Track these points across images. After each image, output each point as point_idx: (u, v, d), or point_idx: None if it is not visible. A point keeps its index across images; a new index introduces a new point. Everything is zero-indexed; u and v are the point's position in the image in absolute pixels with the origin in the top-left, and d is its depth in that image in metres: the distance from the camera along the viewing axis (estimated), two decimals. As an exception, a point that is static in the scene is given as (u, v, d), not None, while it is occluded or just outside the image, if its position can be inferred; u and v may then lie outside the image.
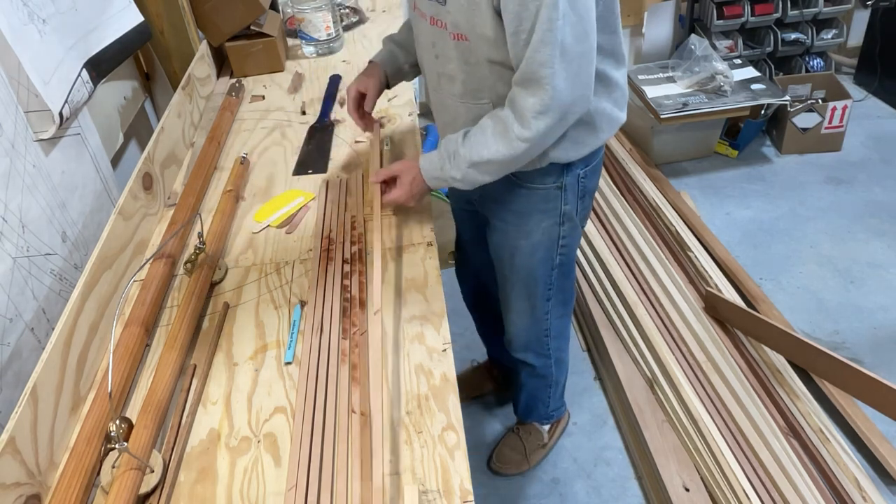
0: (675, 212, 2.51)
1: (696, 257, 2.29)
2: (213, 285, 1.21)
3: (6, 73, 1.15)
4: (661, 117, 2.69)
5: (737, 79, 2.80)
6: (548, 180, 1.23)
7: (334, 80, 1.87)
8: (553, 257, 1.35)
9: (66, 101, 1.29)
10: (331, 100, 1.78)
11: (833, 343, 2.09)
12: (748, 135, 2.97)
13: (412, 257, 1.20)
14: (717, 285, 2.16)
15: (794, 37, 3.13)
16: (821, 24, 3.14)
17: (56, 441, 0.92)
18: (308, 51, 2.07)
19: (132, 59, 1.78)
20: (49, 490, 0.88)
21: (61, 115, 1.26)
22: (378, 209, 1.21)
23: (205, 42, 1.96)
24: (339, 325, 1.08)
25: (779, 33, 3.11)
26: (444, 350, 1.02)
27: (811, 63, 3.18)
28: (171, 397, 0.98)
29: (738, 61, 2.96)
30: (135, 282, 1.21)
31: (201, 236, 1.25)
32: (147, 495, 0.86)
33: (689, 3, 3.21)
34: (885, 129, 3.08)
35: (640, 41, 3.35)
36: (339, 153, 1.56)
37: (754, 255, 2.46)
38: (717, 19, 3.05)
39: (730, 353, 1.92)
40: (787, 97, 2.78)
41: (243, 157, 1.53)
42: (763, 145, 3.04)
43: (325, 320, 1.09)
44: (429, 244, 1.23)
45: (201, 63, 1.87)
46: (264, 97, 1.86)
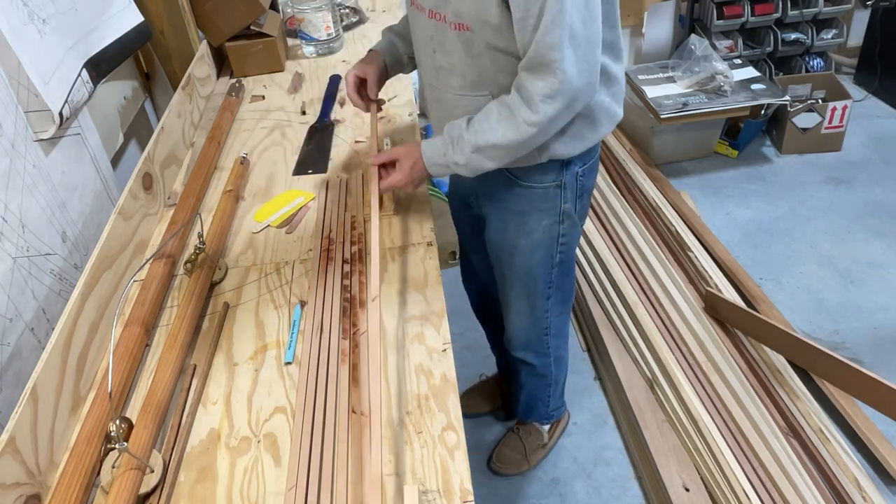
0: (675, 212, 2.51)
1: (696, 257, 2.29)
2: (213, 285, 1.21)
3: (6, 73, 1.15)
4: (661, 117, 2.69)
5: (737, 79, 2.80)
6: (547, 179, 1.24)
7: (334, 80, 1.87)
8: (553, 255, 1.35)
9: (66, 101, 1.29)
10: (331, 100, 1.78)
11: (833, 343, 2.09)
12: (748, 135, 2.97)
13: (412, 257, 1.20)
14: (717, 285, 2.16)
15: (794, 37, 3.13)
16: (821, 24, 3.14)
17: (56, 441, 0.92)
18: (308, 51, 2.07)
19: (132, 59, 1.78)
20: (49, 490, 0.88)
21: (61, 115, 1.26)
22: (375, 191, 1.20)
23: (205, 42, 1.96)
24: (339, 325, 1.08)
25: (779, 33, 3.11)
26: (444, 350, 1.02)
27: (811, 63, 3.18)
28: (171, 397, 0.98)
29: (738, 61, 2.96)
30: (135, 282, 1.21)
31: (201, 236, 1.25)
32: (147, 495, 0.86)
33: (689, 3, 3.21)
34: (885, 129, 3.08)
35: (640, 41, 3.35)
36: (339, 153, 1.56)
37: (754, 255, 2.46)
38: (717, 19, 3.05)
39: (730, 353, 1.92)
40: (787, 97, 2.78)
41: (243, 157, 1.53)
42: (763, 145, 3.04)
43: (325, 320, 1.09)
44: (429, 244, 1.23)
45: (201, 63, 1.87)
46: (264, 97, 1.86)
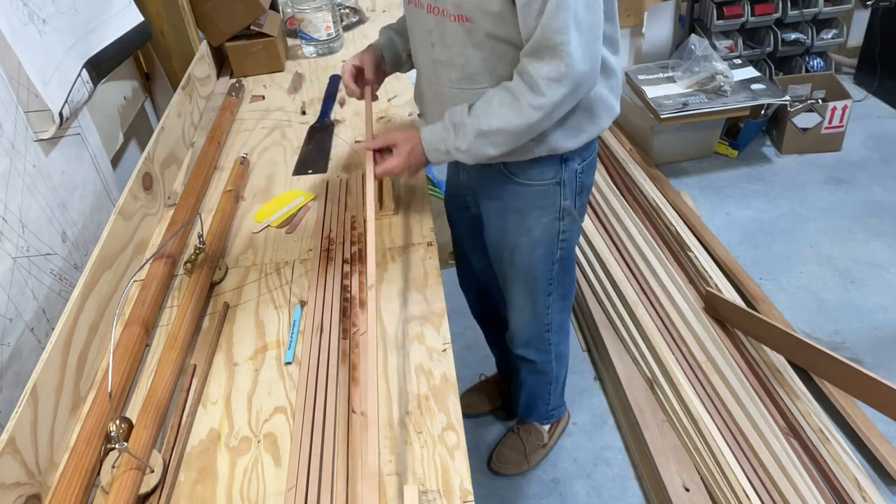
0: (675, 212, 2.51)
1: (696, 257, 2.29)
2: (213, 285, 1.21)
3: (6, 73, 1.15)
4: (661, 117, 2.69)
5: (737, 79, 2.80)
6: (546, 176, 1.24)
7: (334, 80, 1.87)
8: (553, 252, 1.35)
9: (66, 101, 1.29)
10: (331, 100, 1.78)
11: (833, 343, 2.09)
12: (748, 135, 2.97)
13: (412, 257, 1.20)
14: (717, 285, 2.16)
15: (794, 37, 3.13)
16: (821, 24, 3.14)
17: (56, 441, 0.92)
18: (308, 51, 2.07)
19: (132, 59, 1.78)
20: (49, 490, 0.88)
21: (61, 115, 1.26)
22: (371, 178, 1.17)
23: (205, 42, 1.96)
24: (339, 325, 1.08)
25: (779, 33, 3.11)
26: (444, 350, 1.02)
27: (811, 63, 3.18)
28: (171, 397, 0.98)
29: (738, 61, 2.96)
30: (135, 282, 1.21)
31: (201, 236, 1.25)
32: (147, 495, 0.86)
33: (689, 3, 3.20)
34: (885, 129, 3.08)
35: (640, 41, 3.34)
36: (339, 153, 1.56)
37: (754, 255, 2.46)
38: (717, 19, 3.05)
39: (730, 353, 1.92)
40: (787, 97, 2.78)
41: (243, 157, 1.53)
42: (763, 145, 3.04)
43: (325, 320, 1.09)
44: (429, 244, 1.23)
45: (201, 63, 1.87)
46: (264, 97, 1.86)
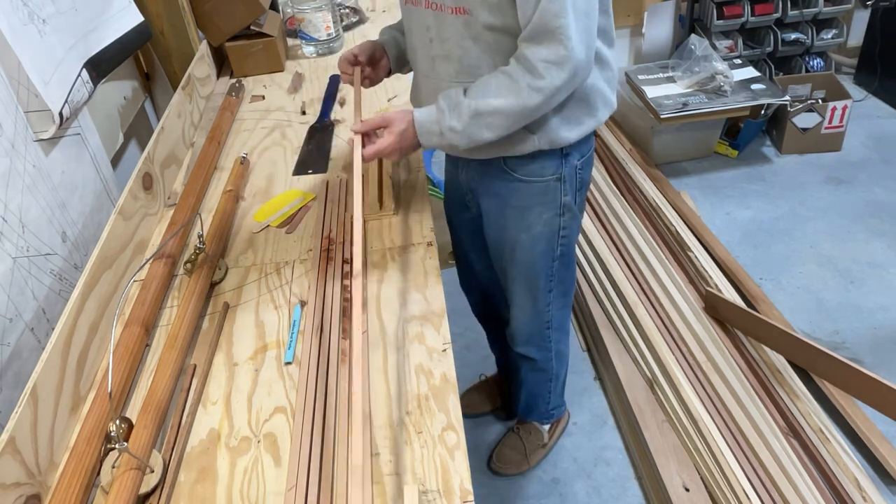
0: (675, 212, 2.51)
1: (696, 257, 2.29)
2: (213, 285, 1.21)
3: (6, 73, 1.15)
4: (661, 117, 2.69)
5: (737, 79, 2.80)
6: (546, 173, 1.24)
7: (334, 80, 1.87)
8: (554, 248, 1.35)
9: (66, 101, 1.29)
10: (331, 100, 1.78)
11: (833, 343, 2.09)
12: (748, 135, 2.97)
13: (412, 257, 1.20)
14: (717, 285, 2.16)
15: (794, 37, 3.13)
16: (821, 24, 3.14)
17: (56, 441, 0.92)
18: (308, 51, 2.07)
19: (132, 59, 1.78)
20: (49, 490, 0.88)
21: (61, 115, 1.26)
22: (358, 162, 1.09)
23: (205, 42, 1.96)
24: (339, 325, 1.08)
25: (779, 33, 3.11)
26: (444, 350, 1.02)
27: (811, 63, 3.18)
28: (171, 397, 0.98)
29: (738, 61, 2.96)
30: (135, 282, 1.21)
31: (201, 236, 1.25)
32: (147, 495, 0.86)
33: (689, 3, 3.20)
34: (885, 129, 3.08)
35: (640, 41, 3.34)
36: (339, 153, 1.56)
37: (754, 255, 2.46)
38: (717, 19, 3.05)
39: (730, 353, 1.92)
40: (787, 97, 2.78)
41: (243, 157, 1.53)
42: (763, 145, 3.04)
43: (325, 320, 1.09)
44: (429, 244, 1.23)
45: (201, 63, 1.87)
46: (264, 97, 1.86)
